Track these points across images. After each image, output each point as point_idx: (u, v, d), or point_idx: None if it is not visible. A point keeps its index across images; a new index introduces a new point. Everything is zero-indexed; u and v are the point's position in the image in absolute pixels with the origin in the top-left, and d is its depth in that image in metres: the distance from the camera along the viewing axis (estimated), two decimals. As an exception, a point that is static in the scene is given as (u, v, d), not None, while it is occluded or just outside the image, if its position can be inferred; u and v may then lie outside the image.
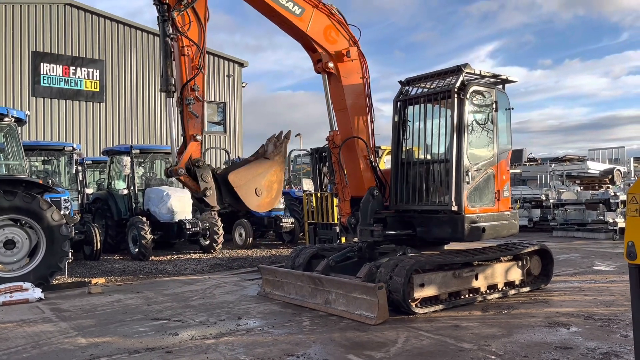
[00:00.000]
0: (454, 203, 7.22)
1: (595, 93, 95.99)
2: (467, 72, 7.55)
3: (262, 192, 6.80)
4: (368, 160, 7.97)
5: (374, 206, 7.75)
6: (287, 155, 18.97)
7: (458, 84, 7.40)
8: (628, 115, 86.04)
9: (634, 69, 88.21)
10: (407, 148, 8.10)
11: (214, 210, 13.43)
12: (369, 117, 7.98)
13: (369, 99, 8.02)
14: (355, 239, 8.61)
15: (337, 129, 7.98)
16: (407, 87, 8.18)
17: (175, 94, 6.45)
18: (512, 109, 8.12)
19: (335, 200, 11.00)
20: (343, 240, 11.33)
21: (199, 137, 6.54)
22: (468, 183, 7.35)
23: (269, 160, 6.98)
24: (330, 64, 7.59)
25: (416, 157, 8.05)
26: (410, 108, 8.06)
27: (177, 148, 6.44)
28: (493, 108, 7.78)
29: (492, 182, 7.76)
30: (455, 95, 7.39)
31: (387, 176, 8.14)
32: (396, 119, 8.11)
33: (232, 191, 6.62)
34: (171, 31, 6.31)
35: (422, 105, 7.88)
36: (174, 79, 6.39)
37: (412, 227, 7.80)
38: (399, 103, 8.11)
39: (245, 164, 6.94)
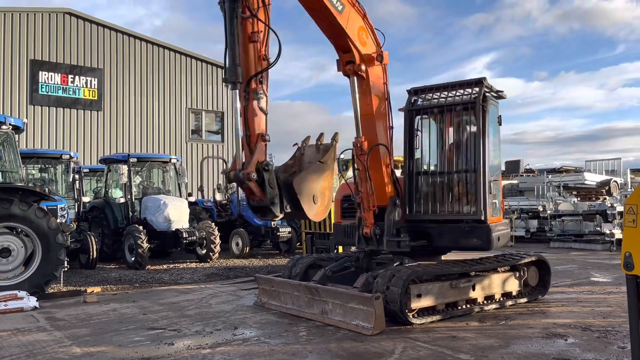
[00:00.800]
0: (482, 212, 7.31)
1: (592, 105, 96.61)
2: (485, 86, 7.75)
3: (318, 199, 6.23)
4: (390, 169, 7.87)
5: (397, 216, 7.67)
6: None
7: (482, 96, 7.53)
8: (623, 127, 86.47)
9: (629, 81, 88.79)
10: (418, 157, 8.14)
11: (274, 220, 12.36)
12: (388, 124, 7.92)
13: (390, 106, 7.93)
14: (353, 249, 8.56)
15: (362, 135, 7.62)
16: (414, 97, 8.21)
17: (239, 86, 5.83)
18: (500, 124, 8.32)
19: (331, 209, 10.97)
20: (340, 249, 11.31)
21: (267, 137, 5.89)
22: (490, 193, 7.50)
23: (322, 165, 6.40)
24: (363, 67, 7.41)
25: (431, 167, 8.07)
26: (423, 118, 8.11)
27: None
28: (497, 121, 7.98)
29: (499, 193, 7.99)
30: (480, 107, 7.51)
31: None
32: (408, 128, 8.12)
33: (294, 198, 6.01)
34: (242, 12, 5.61)
35: (438, 115, 7.94)
36: (241, 69, 5.76)
37: (425, 237, 7.75)
38: (412, 112, 8.11)
39: (297, 167, 6.39)
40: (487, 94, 7.71)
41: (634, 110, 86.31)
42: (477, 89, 7.59)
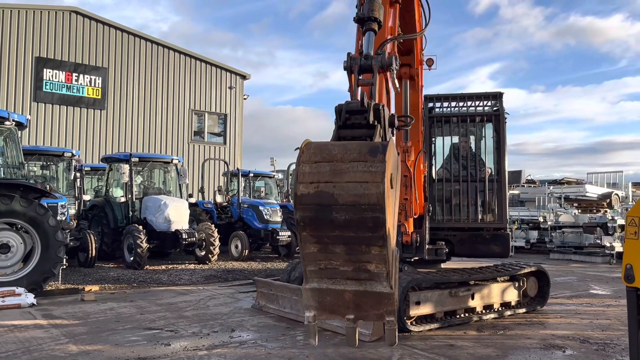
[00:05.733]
0: (504, 221, 7.57)
1: (593, 118, 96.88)
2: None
3: None
4: (424, 176, 7.86)
5: (429, 224, 7.65)
6: (286, 168, 19.04)
7: (503, 108, 7.73)
8: (624, 141, 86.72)
9: (632, 95, 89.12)
10: (435, 165, 8.19)
11: None
12: (421, 130, 7.89)
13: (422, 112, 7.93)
14: None
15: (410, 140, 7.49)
16: (431, 104, 8.27)
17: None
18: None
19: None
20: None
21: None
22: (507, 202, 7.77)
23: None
24: (418, 70, 7.42)
25: (449, 175, 8.11)
26: (442, 125, 8.17)
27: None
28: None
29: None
30: (502, 119, 7.70)
31: None
32: (427, 135, 8.15)
33: None
34: None
35: (458, 124, 8.01)
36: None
37: (446, 245, 7.79)
38: (431, 120, 8.15)
39: None
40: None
41: (635, 124, 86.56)
42: (495, 102, 7.77)
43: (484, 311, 7.49)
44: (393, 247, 2.59)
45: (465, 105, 8.16)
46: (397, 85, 4.24)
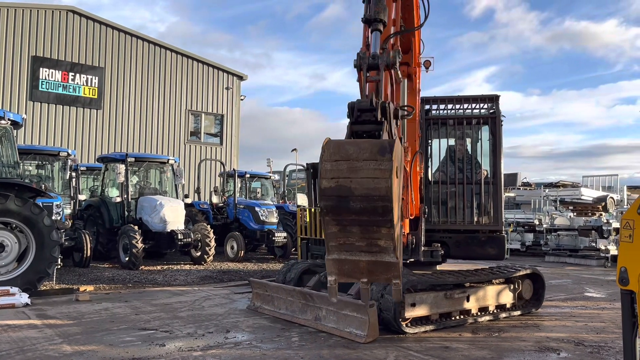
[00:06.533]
0: (499, 223, 7.57)
1: (589, 121, 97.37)
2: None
3: None
4: (420, 177, 7.87)
5: (425, 225, 7.64)
6: (283, 169, 19.03)
7: (500, 111, 7.77)
8: (618, 145, 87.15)
9: (627, 99, 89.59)
10: (431, 167, 8.20)
11: None
12: (418, 131, 7.90)
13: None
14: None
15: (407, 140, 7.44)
16: (427, 106, 8.28)
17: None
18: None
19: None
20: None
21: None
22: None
23: None
24: (416, 69, 7.45)
25: (444, 177, 8.13)
26: (438, 127, 8.17)
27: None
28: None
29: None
30: (499, 121, 7.77)
31: None
32: (423, 136, 8.16)
33: None
34: None
35: (454, 126, 8.03)
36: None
37: (441, 246, 7.79)
38: (427, 122, 8.16)
39: None
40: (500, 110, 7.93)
41: (630, 127, 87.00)
42: (491, 104, 7.80)
43: (479, 313, 7.51)
44: (397, 227, 3.15)
45: (461, 107, 8.19)
46: (400, 76, 4.79)
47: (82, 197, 14.16)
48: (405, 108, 4.86)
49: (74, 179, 13.21)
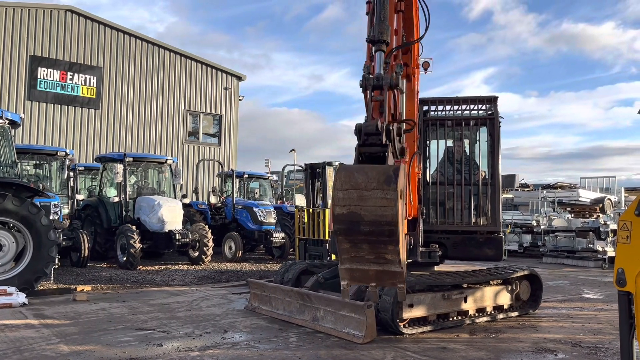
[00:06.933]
0: (497, 224, 7.58)
1: (586, 123, 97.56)
2: None
3: None
4: (418, 178, 7.89)
5: (423, 226, 7.64)
6: (281, 170, 19.06)
7: (498, 112, 7.79)
8: (616, 147, 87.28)
9: (625, 101, 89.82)
10: (429, 168, 8.20)
11: None
12: (416, 132, 7.92)
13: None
14: None
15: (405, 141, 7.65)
16: (425, 107, 8.28)
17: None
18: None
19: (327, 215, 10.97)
20: (333, 257, 11.29)
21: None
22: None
23: None
24: (415, 70, 7.41)
25: (443, 178, 8.13)
26: (437, 129, 8.18)
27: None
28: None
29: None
30: (497, 123, 7.79)
31: None
32: (421, 137, 8.16)
33: None
34: None
35: (452, 127, 8.04)
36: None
37: (439, 247, 7.79)
38: (425, 123, 8.16)
39: None
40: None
41: (628, 129, 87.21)
42: (489, 106, 7.81)
43: (476, 314, 7.51)
44: (402, 242, 3.53)
45: (459, 108, 8.20)
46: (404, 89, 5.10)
47: (80, 196, 14.15)
48: (408, 122, 5.40)
49: (71, 179, 13.20)
